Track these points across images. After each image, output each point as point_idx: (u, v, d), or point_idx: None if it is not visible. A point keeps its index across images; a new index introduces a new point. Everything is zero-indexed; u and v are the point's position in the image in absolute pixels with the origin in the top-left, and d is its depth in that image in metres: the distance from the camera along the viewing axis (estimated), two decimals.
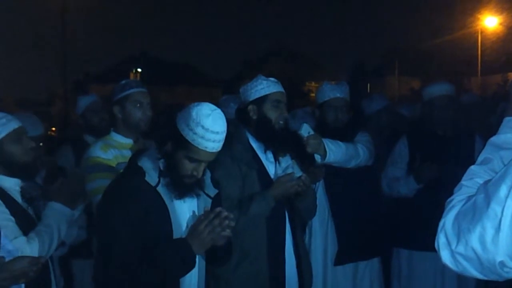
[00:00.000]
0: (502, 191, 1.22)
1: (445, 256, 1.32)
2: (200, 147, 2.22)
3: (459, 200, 1.35)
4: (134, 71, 40.21)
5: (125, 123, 3.18)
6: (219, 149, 2.29)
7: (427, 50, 35.53)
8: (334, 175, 3.59)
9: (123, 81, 3.26)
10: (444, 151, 3.78)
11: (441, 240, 1.32)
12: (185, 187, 2.31)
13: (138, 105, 3.14)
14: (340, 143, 3.47)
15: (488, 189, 1.26)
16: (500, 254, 1.21)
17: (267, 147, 3.01)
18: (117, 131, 3.22)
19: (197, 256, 2.32)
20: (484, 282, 1.37)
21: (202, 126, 2.20)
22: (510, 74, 26.45)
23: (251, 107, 3.00)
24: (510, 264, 1.22)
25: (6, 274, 2.27)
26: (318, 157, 3.40)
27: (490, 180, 1.28)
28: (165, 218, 2.29)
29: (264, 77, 3.04)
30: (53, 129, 15.55)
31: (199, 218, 2.28)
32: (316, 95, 3.91)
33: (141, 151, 2.45)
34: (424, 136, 3.96)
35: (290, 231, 2.98)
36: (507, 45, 28.35)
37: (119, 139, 3.20)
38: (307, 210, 3.18)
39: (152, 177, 2.29)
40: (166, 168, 2.30)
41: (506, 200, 1.21)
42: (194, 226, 2.27)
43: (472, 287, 3.75)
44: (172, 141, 2.27)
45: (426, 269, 3.80)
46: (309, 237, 3.69)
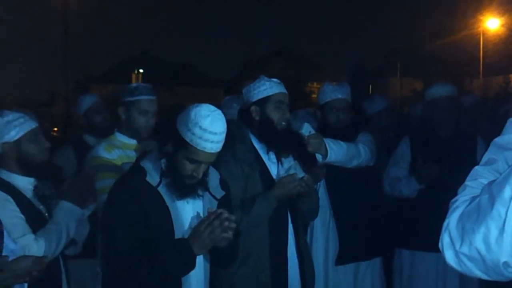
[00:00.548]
0: (507, 192, 1.22)
1: (449, 256, 1.31)
2: (198, 148, 2.23)
3: (463, 200, 1.35)
4: (136, 71, 40.23)
5: (127, 126, 3.18)
6: (218, 150, 2.29)
7: (429, 52, 35.52)
8: (335, 175, 3.59)
9: (134, 84, 3.22)
10: (446, 152, 3.79)
11: (445, 240, 1.32)
12: (186, 188, 2.32)
13: (143, 113, 3.15)
14: (341, 142, 3.48)
15: (492, 190, 1.26)
16: (504, 254, 1.21)
17: (269, 147, 3.01)
18: (121, 132, 3.23)
19: (203, 258, 2.34)
20: (487, 283, 1.37)
21: (200, 127, 2.21)
22: None
23: (253, 108, 3.00)
24: None
25: (10, 274, 2.28)
26: (319, 157, 3.40)
27: (494, 181, 1.28)
28: (166, 218, 2.30)
29: (266, 78, 3.05)
30: (55, 129, 15.59)
31: (202, 219, 2.29)
32: (317, 96, 3.92)
33: (146, 152, 2.46)
34: (426, 137, 3.97)
35: (292, 231, 2.98)
36: (509, 47, 28.34)
37: (123, 140, 3.20)
38: (309, 210, 3.18)
39: (153, 177, 2.31)
40: (167, 169, 2.31)
41: (510, 201, 1.20)
42: (195, 227, 2.28)
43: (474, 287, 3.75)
44: (172, 141, 2.28)
45: (428, 270, 3.80)
46: (310, 237, 3.69)
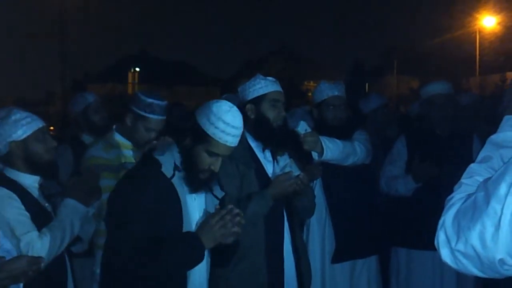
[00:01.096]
0: (502, 189, 1.22)
1: (445, 254, 1.32)
2: (221, 141, 2.31)
3: (459, 198, 1.36)
4: (132, 70, 40.22)
5: (129, 133, 3.18)
6: (236, 144, 2.37)
7: (426, 50, 35.59)
8: (331, 173, 3.59)
9: (150, 100, 3.13)
10: (442, 150, 3.79)
11: (440, 238, 1.33)
12: (199, 182, 2.36)
13: (149, 130, 3.14)
14: (337, 140, 3.48)
15: (488, 187, 1.26)
16: (499, 252, 1.21)
17: (265, 146, 3.01)
18: (120, 132, 3.22)
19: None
20: (483, 281, 1.37)
21: (223, 121, 2.29)
22: (509, 74, 26.51)
23: (249, 106, 3.00)
24: (510, 262, 1.22)
25: (5, 274, 2.27)
26: (315, 154, 3.40)
27: (490, 178, 1.28)
28: (177, 210, 2.33)
29: (262, 76, 3.05)
30: (52, 128, 15.57)
31: (210, 214, 2.34)
32: (313, 95, 3.91)
33: (155, 146, 2.48)
34: (423, 135, 3.97)
35: (288, 229, 2.99)
36: (505, 45, 28.41)
37: (120, 139, 3.20)
38: (305, 208, 3.18)
39: (167, 170, 2.34)
40: (183, 162, 2.35)
41: (506, 198, 1.21)
42: (205, 221, 2.32)
43: (471, 286, 3.76)
44: (192, 135, 2.33)
45: (424, 268, 3.80)
46: (306, 235, 3.70)
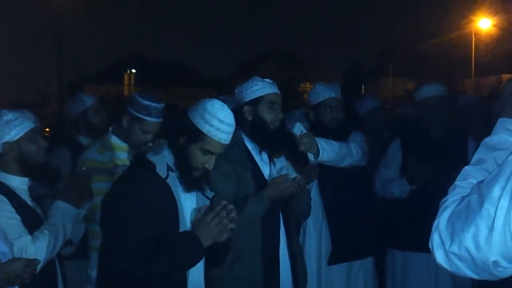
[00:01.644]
0: (495, 191, 1.23)
1: (439, 256, 1.32)
2: (215, 139, 2.34)
3: (453, 200, 1.36)
4: (128, 71, 40.13)
5: (125, 134, 3.18)
6: (229, 141, 2.41)
7: (422, 52, 35.66)
8: (328, 175, 3.60)
9: (147, 102, 3.16)
10: (437, 152, 3.79)
11: (435, 240, 1.33)
12: (193, 181, 2.38)
13: (145, 132, 3.15)
14: (333, 142, 3.48)
15: (481, 190, 1.27)
16: (493, 253, 1.22)
17: (262, 148, 3.02)
18: (116, 134, 3.22)
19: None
20: (479, 282, 1.38)
21: (218, 119, 2.33)
22: (504, 76, 26.57)
23: (246, 108, 3.00)
24: (504, 263, 1.23)
25: (1, 276, 2.27)
26: (311, 156, 3.40)
27: (483, 181, 1.29)
28: (174, 210, 2.35)
29: (259, 78, 3.05)
30: (47, 129, 15.52)
31: (204, 212, 2.35)
32: (309, 97, 3.90)
33: (148, 149, 2.50)
34: (417, 137, 3.98)
35: (284, 231, 2.99)
36: (501, 47, 28.48)
37: (115, 141, 3.20)
38: (301, 211, 3.18)
39: (161, 170, 2.35)
40: (176, 162, 2.37)
41: (499, 200, 1.21)
42: (200, 219, 2.33)
43: None
44: (186, 134, 2.35)
45: (420, 270, 3.80)
46: (303, 237, 3.70)
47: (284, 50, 45.56)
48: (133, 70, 40.62)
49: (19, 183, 2.62)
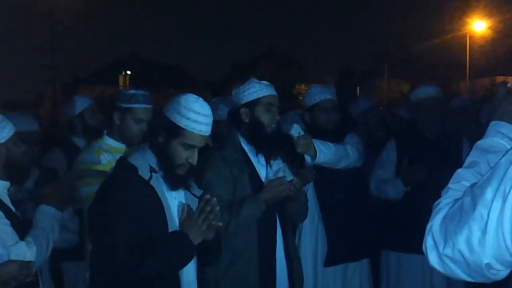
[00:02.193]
0: (488, 194, 1.23)
1: (433, 259, 1.33)
2: (195, 131, 2.33)
3: (446, 203, 1.37)
4: (123, 73, 40.02)
5: (120, 131, 3.18)
6: (209, 132, 2.40)
7: (416, 54, 35.74)
8: (324, 177, 3.60)
9: (132, 91, 3.19)
10: (432, 154, 3.80)
11: (428, 243, 1.33)
12: (178, 179, 2.37)
13: (138, 121, 3.14)
14: (330, 144, 3.49)
15: (474, 192, 1.27)
16: (486, 256, 1.23)
17: (258, 150, 3.01)
18: (111, 136, 3.22)
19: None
20: (473, 285, 1.38)
21: (194, 111, 2.32)
22: (498, 78, 26.66)
23: (243, 110, 3.00)
24: (497, 266, 1.24)
25: None
26: (308, 158, 3.41)
27: (476, 183, 1.30)
28: (160, 211, 2.34)
29: (256, 80, 3.04)
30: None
31: (187, 210, 2.36)
32: (304, 98, 3.91)
33: (129, 152, 2.50)
34: (412, 138, 3.99)
35: (281, 233, 2.99)
36: (495, 49, 28.60)
37: (112, 143, 3.19)
38: (298, 213, 3.18)
39: (144, 173, 2.34)
40: (159, 162, 2.36)
41: (492, 203, 1.22)
42: (187, 218, 2.33)
43: None
44: (164, 132, 2.34)
45: (415, 271, 3.81)
46: (298, 239, 3.70)
47: (280, 52, 45.54)
48: (128, 72, 40.52)
49: (1, 187, 2.60)
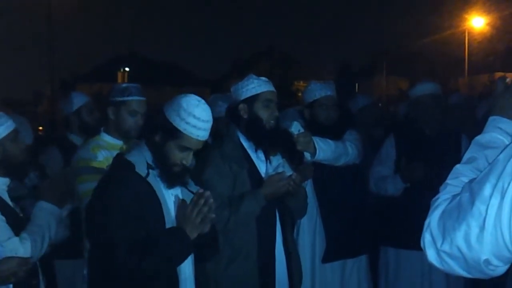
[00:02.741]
0: (487, 190, 1.23)
1: (431, 255, 1.32)
2: (192, 136, 2.31)
3: (445, 199, 1.36)
4: (121, 70, 39.95)
5: (116, 126, 3.17)
6: (207, 137, 2.39)
7: (415, 50, 35.73)
8: (323, 173, 3.61)
9: (124, 85, 3.21)
10: (431, 150, 3.81)
11: (426, 239, 1.33)
12: (174, 176, 2.37)
13: (132, 113, 3.14)
14: (329, 141, 3.49)
15: (472, 188, 1.27)
16: (484, 252, 1.22)
17: (258, 146, 3.01)
18: (108, 132, 3.22)
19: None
20: (472, 281, 1.38)
21: (194, 116, 2.30)
22: (497, 74, 26.67)
23: (242, 106, 2.99)
24: (495, 262, 1.23)
25: None
26: (307, 155, 3.41)
27: (475, 179, 1.29)
28: (158, 208, 2.34)
29: (255, 76, 3.04)
30: (40, 128, 15.48)
31: (182, 205, 2.36)
32: (304, 95, 3.90)
33: (127, 149, 2.50)
34: (411, 135, 3.99)
35: (280, 229, 2.99)
36: (494, 45, 28.59)
37: (109, 140, 3.19)
38: (297, 209, 3.18)
39: (141, 170, 2.34)
40: (154, 159, 2.35)
41: (490, 199, 1.21)
42: (182, 213, 2.33)
43: (460, 286, 3.78)
44: (162, 132, 2.33)
45: (413, 268, 3.82)
46: (297, 235, 3.69)
47: (278, 49, 45.49)
48: (127, 69, 40.42)
49: (0, 184, 2.61)
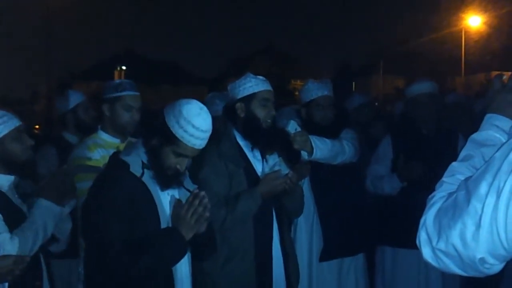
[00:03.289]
0: (482, 188, 1.22)
1: (426, 253, 1.32)
2: (189, 145, 2.30)
3: (440, 196, 1.36)
4: (118, 68, 39.88)
5: (112, 123, 3.17)
6: (204, 145, 2.37)
7: (412, 49, 35.74)
8: (319, 172, 3.61)
9: (117, 81, 3.24)
10: (428, 149, 3.81)
11: (422, 237, 1.33)
12: (168, 179, 2.37)
13: (127, 108, 3.14)
14: (326, 140, 3.49)
15: (468, 186, 1.26)
16: (480, 250, 1.22)
17: (254, 145, 3.01)
18: (105, 130, 3.21)
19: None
20: (467, 279, 1.38)
21: (193, 125, 2.28)
22: (494, 73, 26.67)
23: (239, 105, 2.99)
24: (490, 260, 1.23)
25: None
26: (305, 154, 3.41)
27: (471, 177, 1.29)
28: (153, 207, 2.34)
29: (252, 75, 3.04)
30: (37, 126, 15.45)
31: (178, 205, 2.36)
32: (301, 94, 3.90)
33: (123, 148, 2.50)
34: (408, 134, 3.99)
35: (277, 228, 2.99)
36: (490, 44, 28.60)
37: (106, 138, 3.19)
38: (294, 208, 3.18)
39: (136, 169, 2.34)
40: (150, 161, 2.35)
41: (486, 197, 1.21)
42: (177, 213, 2.34)
43: (456, 285, 3.78)
44: (160, 136, 2.32)
45: (410, 267, 3.82)
46: (294, 234, 3.70)
47: (275, 48, 45.47)
48: (124, 67, 40.36)
49: (4, 181, 2.60)
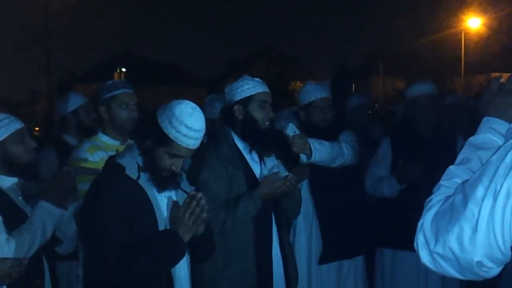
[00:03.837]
0: (479, 191, 1.23)
1: (424, 256, 1.32)
2: (182, 145, 2.30)
3: (438, 200, 1.36)
4: (118, 70, 39.90)
5: (111, 123, 3.17)
6: (198, 145, 2.37)
7: (412, 51, 35.80)
8: (318, 174, 3.60)
9: (110, 82, 3.25)
10: (427, 151, 3.80)
11: (419, 240, 1.33)
12: (163, 181, 2.37)
13: (124, 106, 3.15)
14: (325, 142, 3.48)
15: (465, 190, 1.27)
16: (477, 254, 1.22)
17: (252, 147, 3.00)
18: (105, 132, 3.22)
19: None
20: (467, 282, 1.39)
21: (186, 125, 2.27)
22: (493, 75, 26.72)
23: (236, 107, 2.99)
24: (488, 264, 1.23)
25: None
26: (303, 157, 3.41)
27: (468, 180, 1.29)
28: (150, 210, 2.34)
29: (249, 77, 3.04)
30: (37, 128, 15.47)
31: (175, 207, 2.36)
32: (300, 96, 3.89)
33: (119, 152, 2.51)
34: (407, 136, 3.99)
35: (276, 231, 2.99)
36: (490, 46, 28.65)
37: (106, 140, 3.19)
38: (292, 209, 3.18)
39: (132, 172, 2.34)
40: (145, 163, 2.35)
41: (483, 200, 1.21)
42: (174, 215, 2.33)
43: (456, 287, 3.78)
44: (153, 137, 2.32)
45: (409, 269, 3.81)
46: (293, 236, 3.70)
47: (275, 49, 45.46)
48: (123, 69, 40.37)
49: (7, 183, 2.61)
